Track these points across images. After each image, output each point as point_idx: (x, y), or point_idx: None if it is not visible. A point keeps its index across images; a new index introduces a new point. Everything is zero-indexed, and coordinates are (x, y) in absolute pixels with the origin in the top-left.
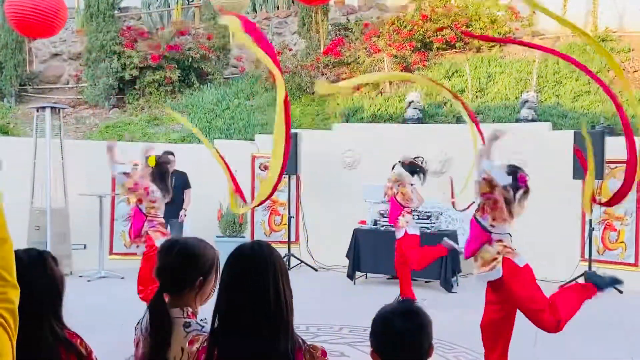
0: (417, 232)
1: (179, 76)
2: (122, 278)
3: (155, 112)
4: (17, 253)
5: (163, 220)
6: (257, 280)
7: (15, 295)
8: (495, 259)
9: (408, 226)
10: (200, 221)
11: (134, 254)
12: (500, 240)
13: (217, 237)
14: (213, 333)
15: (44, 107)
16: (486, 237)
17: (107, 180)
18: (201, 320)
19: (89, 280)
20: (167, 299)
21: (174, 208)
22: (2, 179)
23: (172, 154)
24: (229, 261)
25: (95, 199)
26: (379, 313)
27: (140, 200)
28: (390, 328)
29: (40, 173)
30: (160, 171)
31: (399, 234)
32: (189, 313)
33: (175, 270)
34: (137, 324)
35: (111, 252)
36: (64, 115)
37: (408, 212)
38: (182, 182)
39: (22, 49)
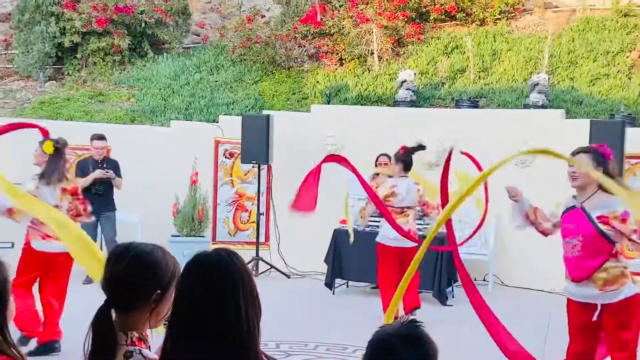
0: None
1: (129, 44)
2: None
3: (99, 87)
4: None
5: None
6: (213, 298)
7: None
8: (623, 273)
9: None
10: (151, 217)
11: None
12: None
13: (172, 236)
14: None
15: None
16: (610, 248)
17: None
18: (148, 348)
19: None
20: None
21: (106, 201)
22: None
23: (103, 138)
24: (184, 272)
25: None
26: (378, 335)
27: None
28: (393, 355)
29: None
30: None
31: None
32: (134, 339)
33: (126, 282)
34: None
35: None
36: None
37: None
38: (114, 171)
39: None
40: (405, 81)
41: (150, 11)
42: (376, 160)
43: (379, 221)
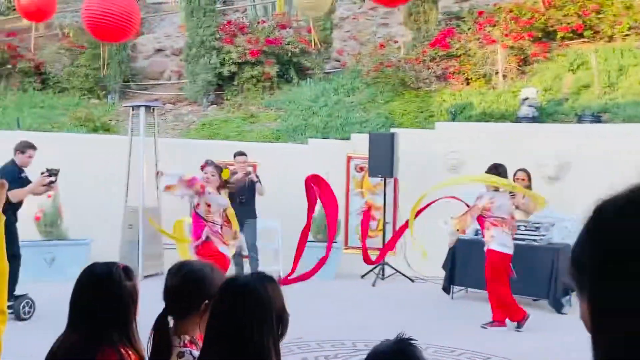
0: (506, 250)
1: (277, 71)
2: None
3: (252, 110)
4: (86, 270)
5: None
6: (230, 318)
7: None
8: None
9: (493, 242)
10: (290, 224)
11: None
12: None
13: (308, 241)
14: None
15: (138, 106)
16: None
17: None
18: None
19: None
20: (171, 323)
21: (248, 209)
22: (101, 176)
23: (244, 154)
24: (218, 290)
25: (187, 198)
26: (371, 352)
27: (197, 205)
28: None
29: (135, 172)
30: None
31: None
32: (186, 342)
33: (180, 292)
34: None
35: None
36: (162, 112)
37: (493, 224)
38: (254, 184)
39: (126, 45)
40: (527, 98)
41: (296, 42)
42: (514, 175)
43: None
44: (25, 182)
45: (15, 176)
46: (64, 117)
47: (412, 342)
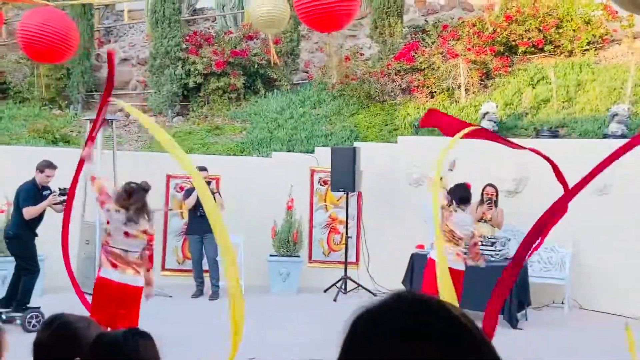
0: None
1: (243, 83)
2: (170, 297)
3: (217, 121)
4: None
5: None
6: None
7: None
8: None
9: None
10: (253, 239)
11: (188, 270)
12: None
13: (271, 255)
14: None
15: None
16: None
17: (160, 195)
18: None
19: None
20: None
21: (207, 223)
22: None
23: (205, 169)
24: (90, 346)
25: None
26: None
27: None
28: None
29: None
30: None
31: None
32: None
33: (49, 348)
34: None
35: (163, 269)
36: (126, 123)
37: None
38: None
39: (89, 55)
40: (487, 113)
41: (262, 53)
42: (483, 190)
43: None
44: (44, 200)
45: (32, 194)
46: (23, 129)
47: None
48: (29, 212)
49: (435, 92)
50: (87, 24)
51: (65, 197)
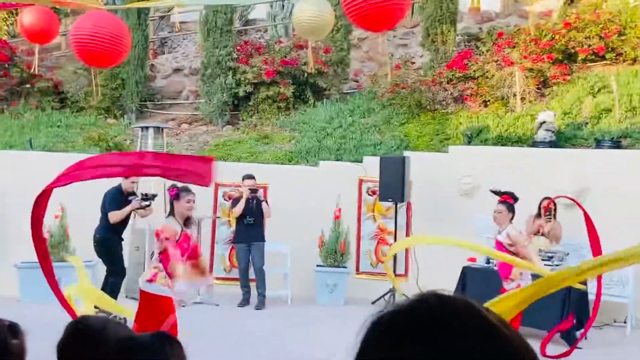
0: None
1: (293, 92)
2: (217, 305)
3: (266, 130)
4: None
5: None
6: None
7: None
8: None
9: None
10: (300, 249)
11: (235, 279)
12: None
13: (318, 266)
14: None
15: (147, 127)
16: None
17: (209, 203)
18: None
19: (183, 305)
20: None
21: (256, 231)
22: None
23: (252, 177)
24: (115, 350)
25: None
26: None
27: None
28: None
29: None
30: None
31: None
32: None
33: (72, 354)
34: None
35: None
36: (178, 132)
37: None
38: (260, 206)
39: (144, 65)
40: (544, 122)
41: (313, 62)
42: (540, 204)
43: None
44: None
45: (117, 199)
46: (78, 137)
47: None
48: (113, 216)
49: (489, 100)
50: (142, 34)
51: (148, 203)
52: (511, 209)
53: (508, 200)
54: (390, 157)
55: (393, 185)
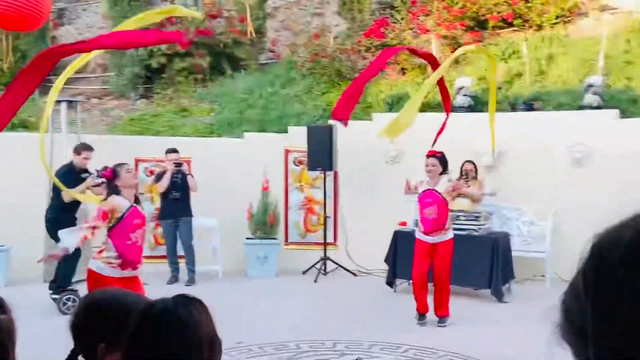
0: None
1: (210, 63)
2: (146, 284)
3: (183, 103)
4: None
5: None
6: (155, 352)
7: None
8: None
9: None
10: (228, 221)
11: (162, 256)
12: None
13: (247, 238)
14: None
15: (59, 101)
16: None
17: None
18: None
19: (146, 284)
20: None
21: (183, 206)
22: (20, 176)
23: (176, 151)
24: (135, 319)
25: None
26: None
27: None
28: None
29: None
30: None
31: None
32: None
33: (87, 330)
34: None
35: None
36: (87, 107)
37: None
38: (186, 181)
39: (45, 37)
40: (462, 87)
41: (228, 32)
42: (462, 167)
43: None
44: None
45: (70, 177)
46: None
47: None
48: (67, 195)
49: (407, 68)
50: None
51: (103, 179)
52: (442, 162)
53: (437, 154)
54: (318, 126)
55: (321, 154)
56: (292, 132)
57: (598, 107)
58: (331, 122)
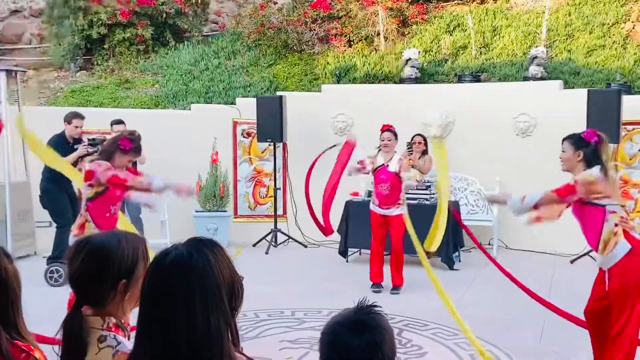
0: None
1: (152, 34)
2: None
3: (126, 75)
4: None
5: None
6: (171, 303)
7: None
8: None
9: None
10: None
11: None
12: (613, 212)
13: (197, 211)
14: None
15: None
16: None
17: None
18: (126, 336)
19: None
20: (89, 310)
21: None
22: None
23: (122, 122)
24: (149, 270)
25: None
26: (329, 323)
27: None
28: (338, 344)
29: None
30: None
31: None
32: (111, 325)
33: (87, 278)
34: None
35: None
36: (25, 79)
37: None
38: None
39: None
40: (410, 59)
41: (170, 2)
42: (411, 140)
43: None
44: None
45: (61, 147)
46: None
47: (374, 310)
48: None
49: (354, 40)
50: None
51: (97, 149)
52: (396, 136)
53: (391, 128)
54: (267, 97)
55: (271, 126)
56: (240, 104)
57: (542, 79)
58: (280, 93)
